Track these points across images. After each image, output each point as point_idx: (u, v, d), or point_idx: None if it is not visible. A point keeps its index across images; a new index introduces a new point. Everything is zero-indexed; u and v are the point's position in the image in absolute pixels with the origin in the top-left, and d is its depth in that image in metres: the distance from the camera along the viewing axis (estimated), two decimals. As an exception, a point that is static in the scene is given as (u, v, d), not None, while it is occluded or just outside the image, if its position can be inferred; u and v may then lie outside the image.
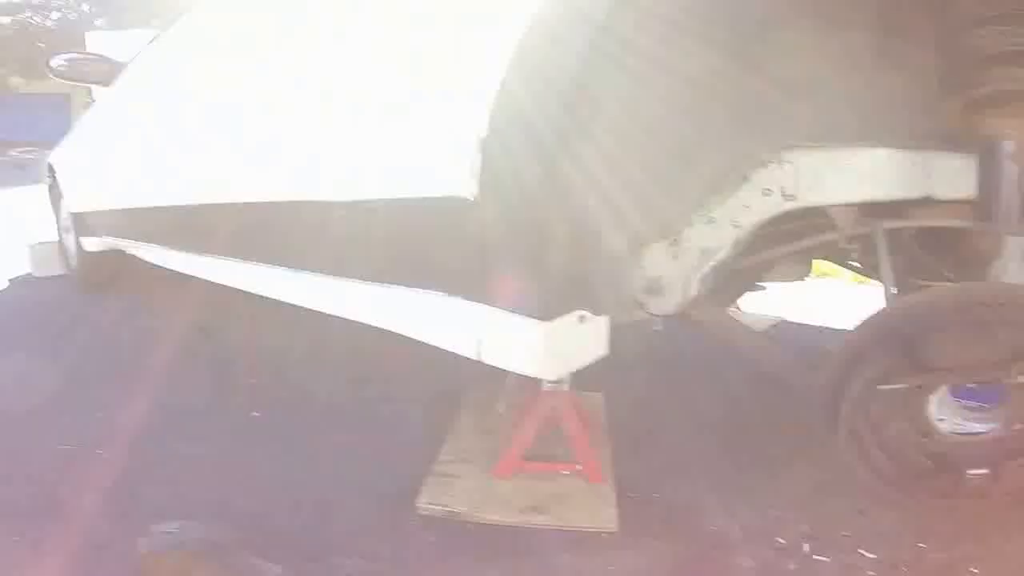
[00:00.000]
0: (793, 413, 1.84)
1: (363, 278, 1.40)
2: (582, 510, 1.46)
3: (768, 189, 1.22)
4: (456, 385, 2.05)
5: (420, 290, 1.25)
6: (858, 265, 1.96)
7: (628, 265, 1.13)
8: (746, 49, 1.06)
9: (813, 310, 3.01)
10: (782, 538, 1.39)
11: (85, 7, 22.95)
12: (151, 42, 2.76)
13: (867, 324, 1.24)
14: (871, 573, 1.29)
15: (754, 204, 1.22)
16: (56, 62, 3.26)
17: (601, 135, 1.00)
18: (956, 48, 1.14)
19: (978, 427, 1.25)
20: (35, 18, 22.89)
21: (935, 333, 1.17)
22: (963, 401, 1.26)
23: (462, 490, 1.52)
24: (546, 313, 1.02)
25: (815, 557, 1.34)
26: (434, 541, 1.40)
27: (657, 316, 1.24)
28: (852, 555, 1.34)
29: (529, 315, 1.03)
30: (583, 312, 1.06)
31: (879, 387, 1.19)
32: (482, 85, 0.99)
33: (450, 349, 1.20)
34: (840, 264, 2.17)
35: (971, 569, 1.29)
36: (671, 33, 1.01)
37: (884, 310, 1.27)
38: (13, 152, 19.33)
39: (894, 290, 1.32)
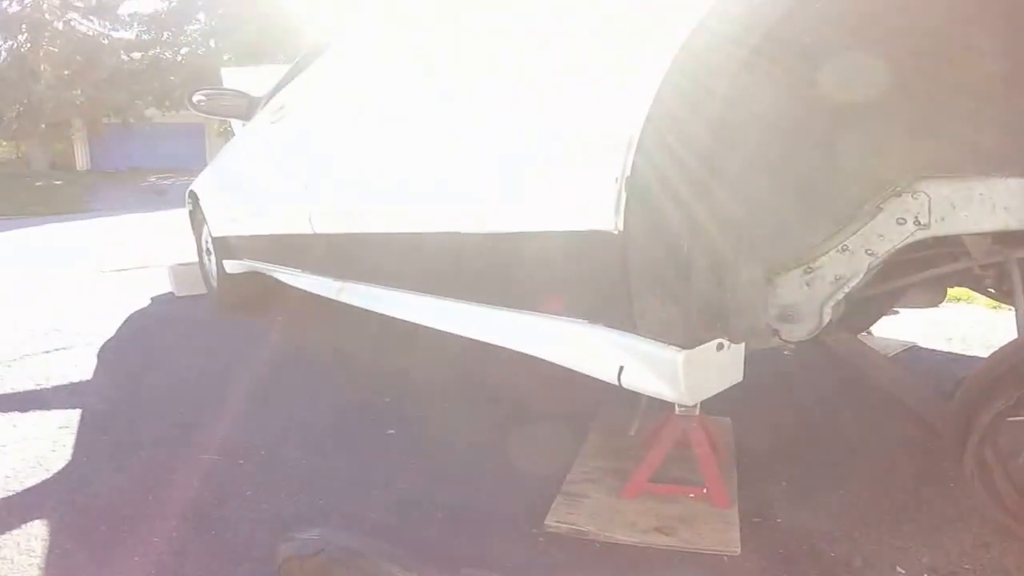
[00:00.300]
0: (920, 441, 1.80)
1: (508, 306, 1.48)
2: (706, 533, 1.47)
3: (902, 219, 1.21)
4: (585, 407, 2.10)
5: (565, 319, 1.31)
6: (993, 291, 1.90)
7: (763, 294, 1.15)
8: (885, 81, 1.06)
9: (947, 335, 2.89)
10: (902, 568, 1.37)
11: (212, 43, 24.39)
12: (287, 76, 2.92)
13: (999, 354, 1.22)
14: None
15: (888, 233, 1.21)
16: (197, 97, 3.46)
17: (741, 169, 1.03)
18: None
19: None
20: (166, 53, 24.51)
21: None
22: None
23: (589, 510, 1.57)
24: (688, 342, 1.06)
25: None
26: (562, 558, 1.44)
27: (790, 343, 1.25)
28: None
29: (672, 343, 1.07)
30: (722, 340, 1.09)
31: (1009, 419, 1.17)
32: (626, 127, 1.04)
33: (591, 375, 1.25)
34: (975, 290, 2.10)
35: None
36: (810, 72, 1.04)
37: (1016, 341, 1.24)
38: (152, 178, 21.02)
39: None
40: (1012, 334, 1.33)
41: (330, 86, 2.36)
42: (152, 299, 4.61)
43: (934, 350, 2.72)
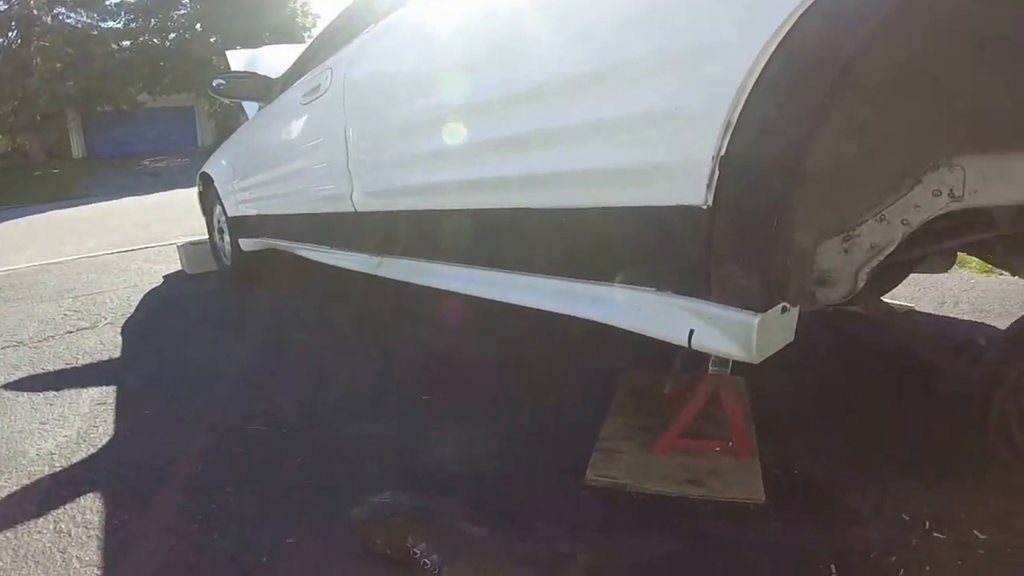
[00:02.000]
0: (924, 397, 1.90)
1: (576, 277, 1.55)
2: (733, 483, 1.57)
3: (938, 191, 1.27)
4: (610, 369, 2.19)
5: (637, 287, 1.38)
6: (991, 256, 1.97)
7: (811, 260, 1.23)
8: (929, 64, 1.11)
9: (939, 300, 2.99)
10: (907, 515, 1.48)
11: (198, 27, 24.33)
12: (315, 56, 2.89)
13: None
14: (981, 551, 1.36)
15: (923, 204, 1.27)
16: (217, 82, 3.47)
17: (819, 155, 1.09)
18: None
19: None
20: (154, 40, 24.54)
21: None
22: None
23: (625, 464, 1.67)
24: (763, 306, 1.16)
25: (934, 534, 1.41)
26: (603, 509, 1.54)
27: (826, 306, 1.33)
28: (967, 535, 1.41)
29: (749, 308, 1.17)
30: (785, 304, 1.18)
31: None
32: (725, 111, 1.13)
33: (661, 338, 1.32)
34: (981, 257, 2.17)
35: None
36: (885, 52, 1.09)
37: None
38: (146, 162, 21.14)
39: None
40: (1002, 298, 1.40)
41: (383, 62, 2.30)
42: (164, 277, 4.67)
43: (928, 313, 2.82)
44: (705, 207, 1.17)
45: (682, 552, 1.40)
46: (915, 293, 3.06)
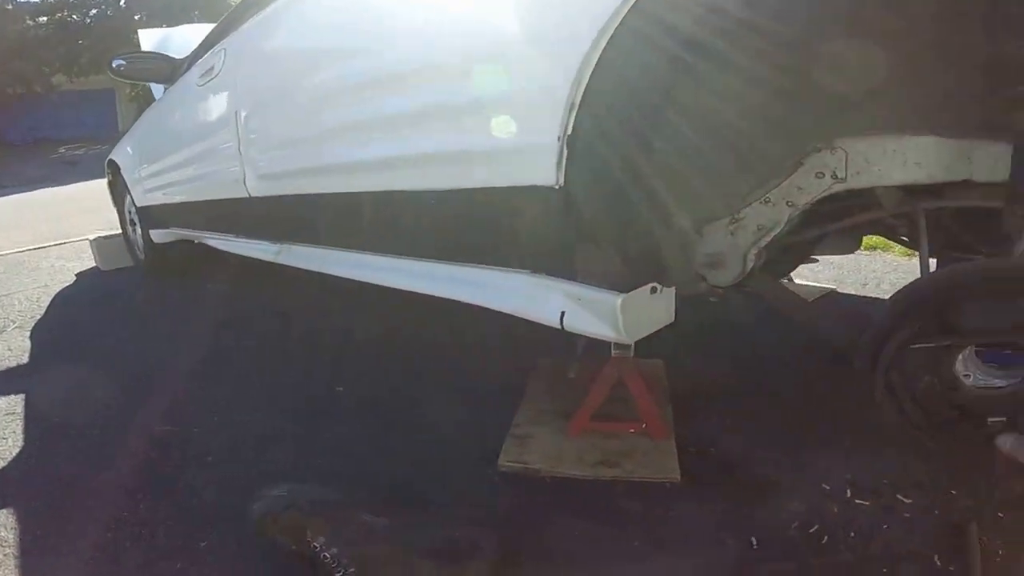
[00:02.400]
0: (838, 375, 1.94)
1: (454, 260, 1.55)
2: (647, 463, 1.60)
3: (821, 172, 1.31)
4: (525, 355, 2.19)
5: (510, 270, 1.39)
6: (906, 240, 2.05)
7: (692, 242, 1.25)
8: (807, 46, 1.14)
9: (862, 281, 3.09)
10: (827, 484, 1.52)
11: (122, 3, 23.05)
12: (214, 36, 2.79)
13: (904, 292, 1.34)
14: (906, 515, 1.41)
15: (807, 186, 1.31)
16: (117, 62, 3.27)
17: (673, 127, 1.11)
18: (1003, 48, 1.18)
19: (999, 382, 1.36)
20: (73, 16, 23.03)
21: (963, 301, 1.27)
22: (987, 359, 1.37)
23: (538, 449, 1.68)
24: (624, 285, 1.17)
25: (856, 501, 1.47)
26: (517, 494, 1.54)
27: (716, 288, 1.36)
28: (890, 499, 1.46)
29: (610, 288, 1.17)
30: (655, 284, 1.20)
31: (912, 346, 1.29)
32: (568, 90, 1.12)
33: (536, 320, 1.33)
34: (889, 238, 2.25)
35: (999, 514, 1.40)
36: (738, 32, 1.10)
37: (919, 280, 1.37)
38: (62, 150, 19.83)
39: (932, 263, 1.42)
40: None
41: (269, 44, 2.30)
42: (77, 275, 4.44)
43: (851, 294, 2.91)
44: (557, 187, 1.17)
45: (597, 533, 1.41)
46: (839, 275, 3.16)
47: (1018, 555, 1.30)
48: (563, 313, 1.25)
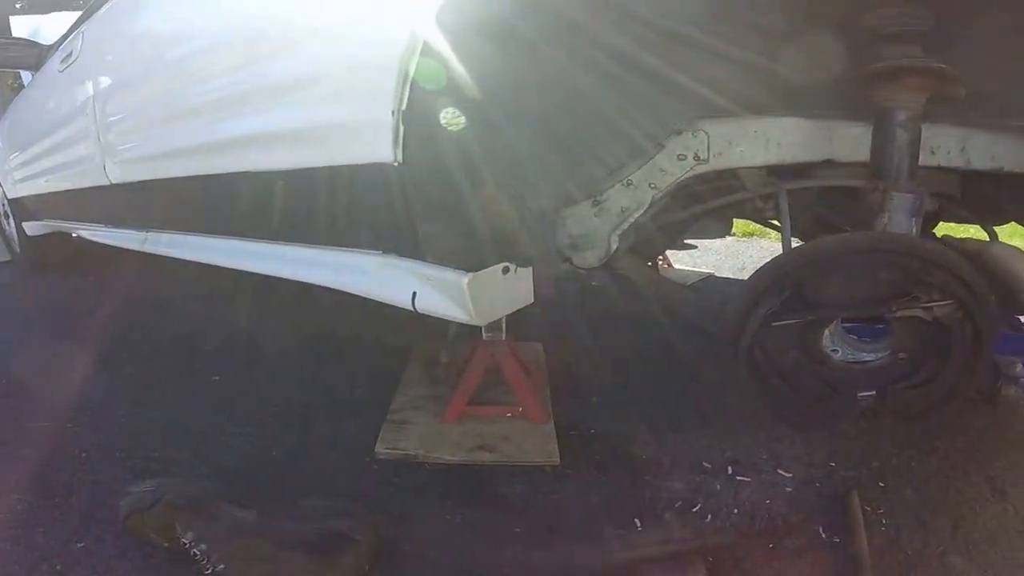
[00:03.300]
0: (715, 356, 2.01)
1: (299, 242, 1.50)
2: (526, 447, 1.60)
3: (683, 154, 1.34)
4: (405, 340, 2.17)
5: (361, 251, 1.35)
6: (776, 223, 2.10)
7: (551, 222, 1.24)
8: (667, 26, 1.15)
9: (740, 266, 3.21)
10: (708, 463, 1.56)
11: (3, -10, 21.56)
12: (79, 20, 2.68)
13: (763, 269, 1.35)
14: (788, 489, 1.46)
15: (669, 168, 1.34)
16: None
17: (522, 105, 1.10)
18: (857, 28, 1.22)
19: (867, 356, 1.39)
20: (-56, 0, 21.54)
21: (822, 276, 1.29)
22: (854, 334, 1.40)
23: (415, 434, 1.66)
24: (471, 265, 1.14)
25: (738, 478, 1.51)
26: (395, 481, 1.52)
27: (581, 269, 1.36)
28: (771, 474, 1.51)
29: (457, 267, 1.15)
30: (507, 264, 1.18)
31: (773, 323, 1.32)
32: (403, 61, 1.08)
33: (389, 302, 1.30)
34: (759, 222, 2.32)
35: (879, 484, 1.48)
36: (595, 9, 1.11)
37: (778, 256, 1.38)
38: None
39: (793, 241, 1.46)
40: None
41: (122, 27, 2.22)
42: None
43: (728, 278, 3.03)
44: (396, 164, 1.14)
45: (476, 519, 1.40)
46: (717, 261, 3.27)
47: (901, 523, 1.36)
48: (415, 294, 1.22)
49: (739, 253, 3.43)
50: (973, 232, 2.17)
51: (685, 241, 3.45)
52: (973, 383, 1.27)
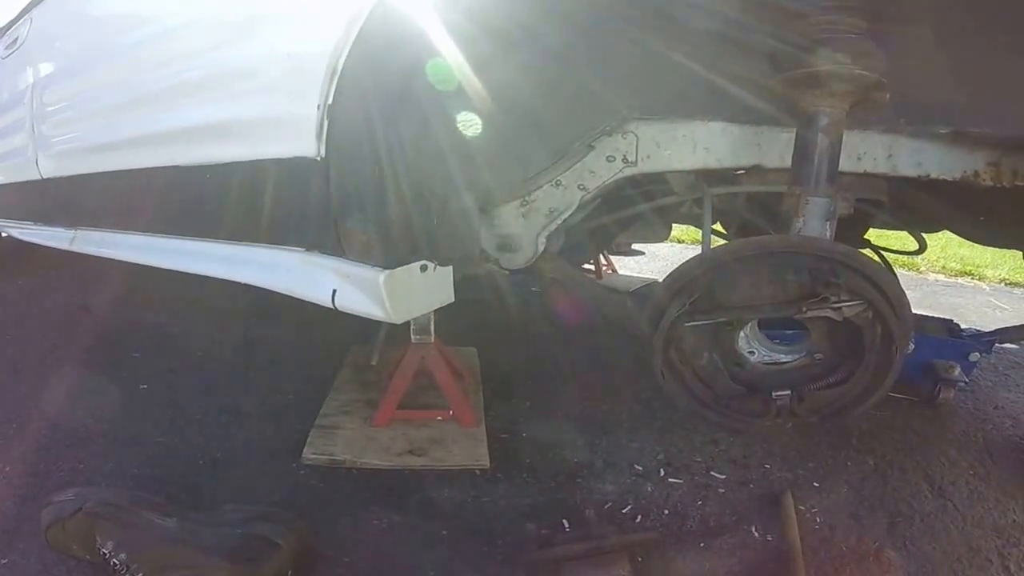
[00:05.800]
0: (648, 359, 2.03)
1: (225, 238, 1.46)
2: (457, 451, 1.59)
3: (611, 156, 1.34)
4: (339, 343, 2.15)
5: (283, 247, 1.32)
6: (719, 228, 2.12)
7: (475, 222, 1.23)
8: (595, 29, 1.15)
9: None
10: (640, 465, 1.57)
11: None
12: (27, 7, 2.58)
13: (675, 271, 1.35)
14: (721, 490, 1.47)
15: (598, 169, 1.34)
16: None
17: (448, 104, 1.09)
18: (787, 34, 1.22)
19: (784, 357, 1.41)
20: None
21: (733, 277, 1.29)
22: (772, 336, 1.42)
23: (344, 439, 1.63)
24: (388, 262, 1.12)
25: (670, 480, 1.52)
26: (322, 487, 1.49)
27: (507, 270, 1.35)
28: (705, 476, 1.53)
29: (373, 264, 1.12)
30: (425, 263, 1.16)
31: (686, 324, 1.31)
32: (331, 56, 1.07)
33: (310, 300, 1.26)
34: (700, 227, 2.33)
35: (814, 484, 1.50)
36: (522, 11, 1.10)
37: (691, 259, 1.37)
38: None
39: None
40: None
41: (63, 12, 2.16)
42: None
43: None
44: (319, 159, 1.13)
45: (403, 524, 1.38)
46: (663, 268, 3.30)
47: (836, 521, 1.38)
48: (335, 291, 1.20)
49: (684, 259, 3.47)
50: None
51: (632, 247, 3.51)
52: (887, 383, 1.28)
